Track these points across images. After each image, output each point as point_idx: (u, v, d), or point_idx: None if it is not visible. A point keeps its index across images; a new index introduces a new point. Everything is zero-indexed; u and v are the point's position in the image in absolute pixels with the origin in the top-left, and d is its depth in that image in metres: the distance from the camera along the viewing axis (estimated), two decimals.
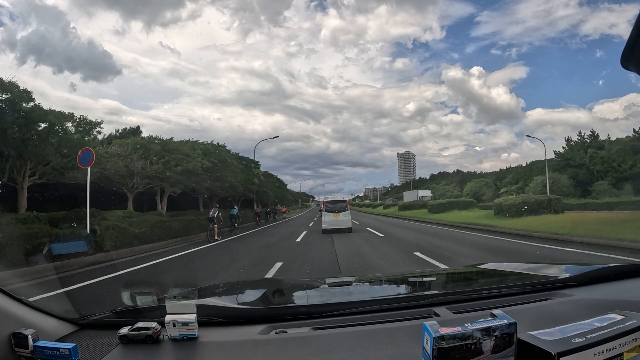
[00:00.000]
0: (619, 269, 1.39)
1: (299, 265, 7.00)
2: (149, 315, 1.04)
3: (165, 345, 0.92)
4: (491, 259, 6.38)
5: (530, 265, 1.77)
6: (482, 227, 14.36)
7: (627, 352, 0.74)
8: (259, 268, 6.78)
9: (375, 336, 0.92)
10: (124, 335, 0.92)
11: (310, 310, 1.14)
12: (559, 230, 10.31)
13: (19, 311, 0.94)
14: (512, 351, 0.71)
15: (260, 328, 1.00)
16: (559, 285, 1.28)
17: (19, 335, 0.85)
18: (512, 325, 0.71)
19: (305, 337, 0.96)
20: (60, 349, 0.83)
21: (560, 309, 1.06)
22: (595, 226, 10.25)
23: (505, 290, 1.26)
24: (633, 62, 0.67)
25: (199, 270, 7.22)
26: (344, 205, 14.73)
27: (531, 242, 9.55)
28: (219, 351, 0.90)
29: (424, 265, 6.60)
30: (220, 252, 9.80)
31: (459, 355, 0.68)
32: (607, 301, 1.08)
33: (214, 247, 11.07)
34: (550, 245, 8.77)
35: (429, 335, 0.68)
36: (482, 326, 0.70)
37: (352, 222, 14.73)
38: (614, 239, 8.27)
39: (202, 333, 0.94)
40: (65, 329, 1.04)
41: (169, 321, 0.92)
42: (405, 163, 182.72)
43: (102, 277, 6.23)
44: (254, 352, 0.88)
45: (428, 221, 21.26)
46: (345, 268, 6.51)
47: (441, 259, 6.95)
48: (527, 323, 0.85)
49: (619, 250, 7.31)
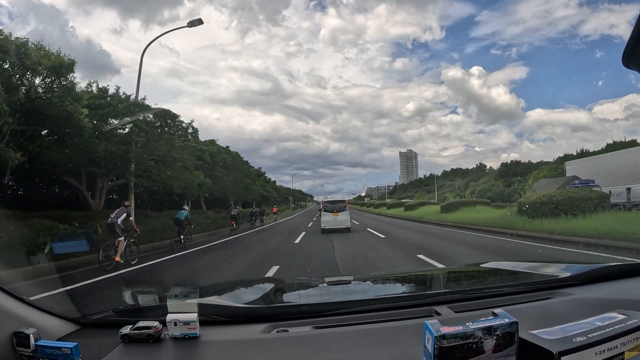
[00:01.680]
0: (621, 268, 1.39)
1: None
2: (151, 315, 1.04)
3: (167, 344, 0.92)
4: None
5: (531, 264, 1.77)
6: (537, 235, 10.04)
7: (629, 352, 0.74)
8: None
9: (376, 335, 0.92)
10: (125, 335, 0.93)
11: (311, 309, 1.14)
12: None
13: (21, 310, 0.94)
14: (513, 350, 0.71)
15: (261, 327, 1.00)
16: (560, 284, 1.28)
17: (21, 334, 0.85)
18: (513, 324, 0.71)
19: (306, 336, 0.96)
20: (62, 348, 0.83)
21: (561, 308, 1.06)
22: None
23: (507, 289, 1.26)
24: (634, 61, 0.67)
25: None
26: (342, 205, 14.73)
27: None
28: (221, 350, 0.90)
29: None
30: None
31: (460, 354, 0.68)
32: (608, 300, 1.08)
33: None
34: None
35: (430, 334, 0.68)
36: (483, 325, 0.70)
37: (351, 222, 14.70)
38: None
39: (204, 332, 0.94)
40: (66, 328, 1.04)
41: (171, 320, 0.92)
42: (408, 162, 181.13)
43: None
44: (256, 351, 0.88)
45: (444, 223, 17.08)
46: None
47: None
48: (528, 322, 0.85)
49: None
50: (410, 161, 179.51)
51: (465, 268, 2.17)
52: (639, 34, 0.63)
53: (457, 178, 77.51)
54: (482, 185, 53.77)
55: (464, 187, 61.86)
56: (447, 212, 20.90)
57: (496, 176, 57.51)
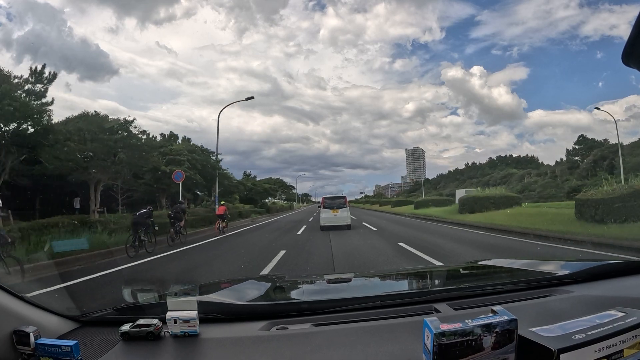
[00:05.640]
0: (620, 265, 1.39)
1: None
2: (150, 312, 1.04)
3: (167, 341, 0.92)
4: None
5: (530, 262, 1.77)
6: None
7: (628, 349, 0.74)
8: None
9: (376, 332, 0.92)
10: (125, 332, 0.93)
11: (311, 307, 1.14)
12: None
13: (21, 308, 0.94)
14: (512, 347, 0.71)
15: (261, 324, 1.00)
16: (559, 281, 1.28)
17: (21, 332, 0.85)
18: (512, 321, 0.71)
19: (306, 333, 0.96)
20: (62, 346, 0.83)
21: (560, 306, 1.07)
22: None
23: (506, 286, 1.26)
24: (634, 59, 0.67)
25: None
26: (342, 202, 14.67)
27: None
28: (220, 347, 0.90)
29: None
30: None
31: (459, 351, 0.68)
32: (607, 298, 1.08)
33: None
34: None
35: (429, 331, 0.68)
36: (482, 322, 0.70)
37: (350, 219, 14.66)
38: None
39: (203, 329, 0.94)
40: (66, 326, 1.04)
41: (170, 318, 0.92)
42: (415, 160, 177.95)
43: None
44: (255, 348, 0.88)
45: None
46: None
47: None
48: (527, 319, 0.86)
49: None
50: (418, 159, 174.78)
51: (465, 265, 2.18)
52: (638, 32, 0.62)
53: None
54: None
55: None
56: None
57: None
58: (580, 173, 44.00)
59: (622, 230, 6.85)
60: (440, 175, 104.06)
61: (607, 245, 6.66)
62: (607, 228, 7.13)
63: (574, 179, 42.03)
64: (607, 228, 7.13)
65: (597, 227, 7.32)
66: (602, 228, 7.10)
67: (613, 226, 7.14)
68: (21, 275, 5.72)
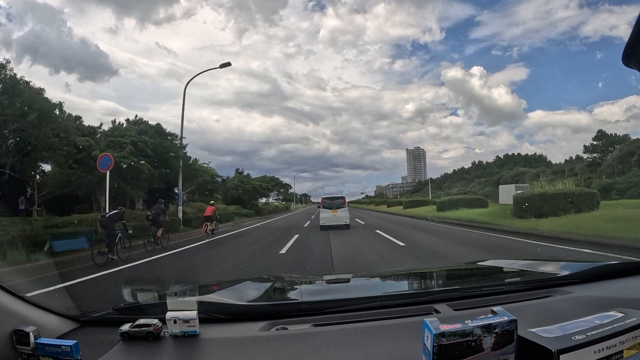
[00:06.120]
0: (620, 266, 1.39)
1: None
2: (150, 312, 1.04)
3: (167, 341, 0.92)
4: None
5: (530, 262, 1.77)
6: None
7: (627, 350, 0.74)
8: None
9: (375, 333, 0.92)
10: (125, 332, 0.93)
11: (311, 307, 1.14)
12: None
13: (21, 308, 0.94)
14: (512, 348, 0.71)
15: (261, 324, 1.00)
16: (559, 282, 1.28)
17: (21, 332, 0.85)
18: (512, 322, 0.71)
19: (306, 333, 0.96)
20: (62, 346, 0.83)
21: (560, 306, 1.07)
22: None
23: (506, 287, 1.26)
24: (634, 60, 0.67)
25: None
26: (341, 202, 14.75)
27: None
28: (220, 348, 0.90)
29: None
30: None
31: (459, 352, 0.68)
32: (607, 299, 1.08)
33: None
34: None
35: (429, 332, 0.68)
36: (482, 323, 0.70)
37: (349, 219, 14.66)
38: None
39: (203, 329, 0.94)
40: (66, 326, 1.04)
41: (170, 318, 0.92)
42: (415, 161, 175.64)
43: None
44: (255, 348, 0.88)
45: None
46: None
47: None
48: (527, 320, 0.86)
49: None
50: (419, 159, 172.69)
51: (464, 266, 2.18)
52: (639, 33, 0.62)
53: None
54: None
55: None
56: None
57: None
58: (606, 170, 41.01)
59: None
60: (444, 175, 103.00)
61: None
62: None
63: (603, 177, 39.07)
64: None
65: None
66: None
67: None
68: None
